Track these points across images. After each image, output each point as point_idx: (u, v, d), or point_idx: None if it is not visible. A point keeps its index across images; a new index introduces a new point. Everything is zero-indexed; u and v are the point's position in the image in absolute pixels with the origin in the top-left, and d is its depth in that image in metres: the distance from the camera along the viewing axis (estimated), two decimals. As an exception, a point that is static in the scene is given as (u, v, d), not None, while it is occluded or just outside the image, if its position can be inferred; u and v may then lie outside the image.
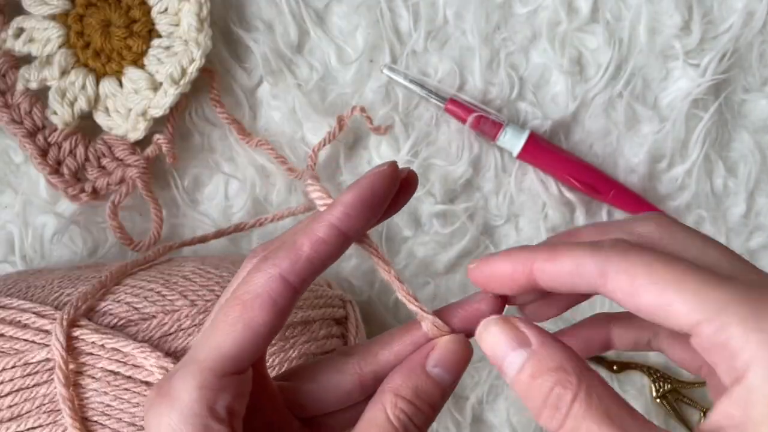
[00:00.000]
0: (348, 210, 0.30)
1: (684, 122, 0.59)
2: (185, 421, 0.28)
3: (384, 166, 0.31)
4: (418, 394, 0.30)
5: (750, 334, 0.25)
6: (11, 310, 0.45)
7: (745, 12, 0.59)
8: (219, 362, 0.29)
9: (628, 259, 0.28)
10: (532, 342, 0.29)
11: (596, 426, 0.26)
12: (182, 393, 0.29)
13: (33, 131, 0.54)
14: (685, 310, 0.26)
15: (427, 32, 0.58)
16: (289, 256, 0.30)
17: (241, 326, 0.29)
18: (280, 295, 0.29)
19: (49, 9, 0.54)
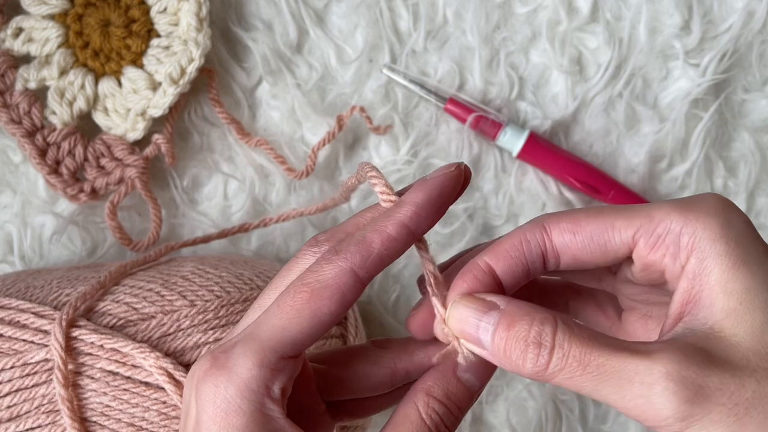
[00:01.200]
0: (419, 210, 0.31)
1: (684, 122, 0.59)
2: (242, 396, 0.29)
3: (452, 168, 0.32)
4: (449, 396, 0.31)
5: (687, 213, 0.29)
6: (10, 311, 0.45)
7: (745, 12, 0.59)
8: (282, 344, 0.30)
9: (563, 212, 0.31)
10: (500, 304, 0.30)
11: (585, 348, 0.28)
12: (242, 369, 0.29)
13: (32, 131, 0.54)
14: (626, 222, 0.29)
15: (426, 32, 0.58)
16: (360, 252, 0.30)
17: (308, 313, 0.30)
18: (349, 289, 0.30)
19: (48, 9, 0.54)
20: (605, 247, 0.30)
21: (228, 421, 0.29)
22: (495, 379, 0.58)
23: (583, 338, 0.28)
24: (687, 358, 0.26)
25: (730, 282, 0.28)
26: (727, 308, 0.28)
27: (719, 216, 0.29)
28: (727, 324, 0.27)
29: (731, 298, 0.28)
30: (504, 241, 0.31)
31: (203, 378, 0.30)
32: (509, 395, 0.58)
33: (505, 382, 0.58)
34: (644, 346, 0.28)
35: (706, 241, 0.28)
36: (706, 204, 0.29)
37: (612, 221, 0.30)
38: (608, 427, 0.59)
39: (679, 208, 0.29)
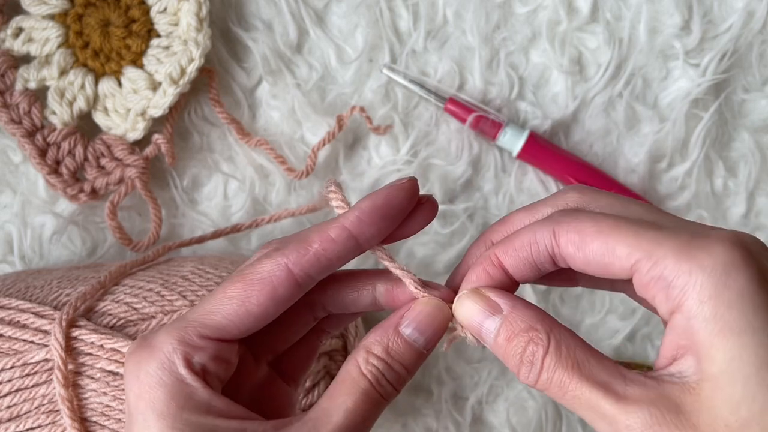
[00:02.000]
0: (361, 216, 0.32)
1: (684, 122, 0.59)
2: (162, 368, 0.30)
3: (403, 180, 0.33)
4: (389, 353, 0.32)
5: (682, 263, 0.27)
6: (10, 311, 0.45)
7: (745, 12, 0.59)
8: (204, 325, 0.31)
9: (575, 216, 0.31)
10: (503, 308, 0.31)
11: (566, 374, 0.29)
12: (164, 344, 0.31)
13: (32, 131, 0.54)
14: (626, 251, 0.29)
15: (426, 32, 0.58)
16: (297, 249, 0.31)
17: (236, 301, 0.31)
18: (281, 284, 0.31)
19: (48, 9, 0.54)
20: (606, 268, 0.30)
21: (151, 394, 0.30)
22: (495, 379, 0.58)
23: (569, 365, 0.29)
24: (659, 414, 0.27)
25: (713, 348, 0.27)
26: (709, 373, 0.27)
27: (716, 274, 0.27)
28: (706, 386, 0.27)
29: (713, 364, 0.27)
30: (515, 238, 0.32)
31: (128, 359, 0.31)
32: (509, 395, 0.58)
33: (505, 382, 0.58)
34: (624, 387, 0.28)
35: (694, 302, 0.27)
36: (708, 255, 0.27)
37: (614, 246, 0.29)
38: (608, 427, 0.59)
39: (679, 255, 0.28)
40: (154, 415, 0.30)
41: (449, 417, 0.57)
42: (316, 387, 0.47)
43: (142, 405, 0.30)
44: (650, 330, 0.60)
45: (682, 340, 0.28)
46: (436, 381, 0.57)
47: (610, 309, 0.59)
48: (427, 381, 0.57)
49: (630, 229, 0.29)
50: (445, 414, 0.57)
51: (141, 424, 0.30)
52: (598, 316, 0.59)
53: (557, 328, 0.30)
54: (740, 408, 0.26)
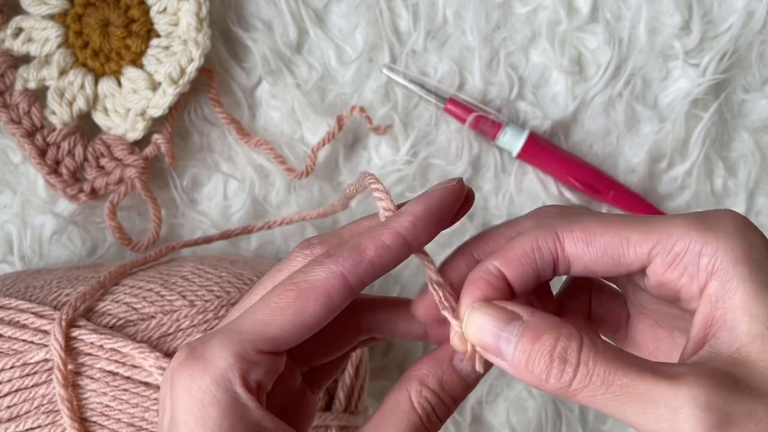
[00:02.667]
0: (416, 221, 0.30)
1: (684, 122, 0.59)
2: (217, 386, 0.28)
3: (453, 182, 0.32)
4: (443, 386, 0.31)
5: (706, 232, 0.27)
6: (10, 311, 0.45)
7: (745, 12, 0.59)
8: (261, 339, 0.29)
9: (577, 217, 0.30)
10: (523, 315, 0.29)
11: (609, 367, 0.27)
12: (218, 359, 0.29)
13: (31, 131, 0.54)
14: (642, 237, 0.28)
15: (426, 32, 0.58)
16: (352, 257, 0.30)
17: (292, 312, 0.29)
18: (337, 293, 0.30)
19: (47, 9, 0.54)
20: (618, 260, 0.29)
21: (203, 411, 0.28)
22: (495, 379, 0.58)
23: (609, 357, 0.27)
24: (714, 383, 0.26)
25: (755, 306, 0.27)
26: (753, 332, 0.27)
27: (740, 237, 0.28)
28: (753, 348, 0.27)
29: (757, 321, 0.27)
30: (515, 247, 0.30)
31: (178, 369, 0.29)
32: (509, 395, 0.58)
33: (505, 382, 0.58)
34: (671, 368, 0.27)
35: (729, 264, 0.27)
36: (726, 223, 0.28)
37: (627, 234, 0.29)
38: (608, 427, 0.59)
39: (699, 227, 0.28)
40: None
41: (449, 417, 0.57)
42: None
43: (192, 420, 0.28)
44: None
45: (719, 309, 0.27)
46: (436, 381, 0.57)
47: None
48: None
49: (638, 219, 0.29)
50: (445, 414, 0.57)
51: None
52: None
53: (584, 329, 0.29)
54: None
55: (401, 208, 0.31)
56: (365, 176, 0.33)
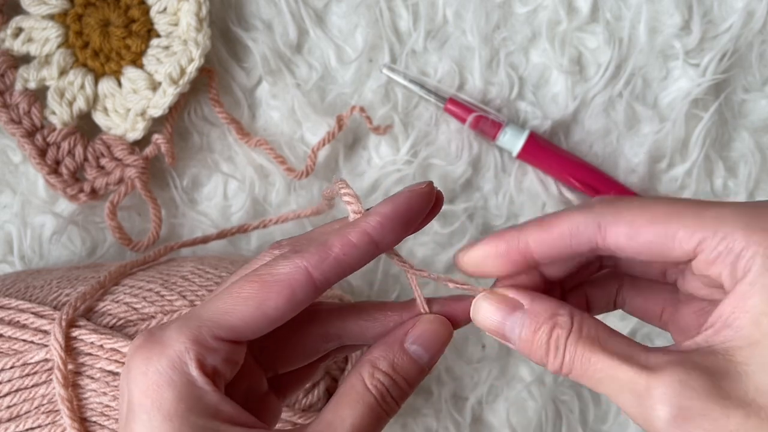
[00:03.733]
0: (383, 221, 0.31)
1: (684, 122, 0.59)
2: (173, 368, 0.29)
3: (422, 185, 0.32)
4: (394, 368, 0.32)
5: (750, 235, 0.28)
6: (10, 311, 0.45)
7: (745, 12, 0.59)
8: (219, 326, 0.30)
9: (622, 207, 0.30)
10: (524, 302, 0.31)
11: (588, 350, 0.29)
12: (175, 342, 0.29)
13: (31, 131, 0.54)
14: (688, 233, 0.29)
15: (426, 32, 0.58)
16: (318, 253, 0.30)
17: (254, 303, 0.30)
18: (301, 287, 0.30)
19: (48, 9, 0.54)
20: (663, 254, 0.30)
21: (159, 393, 0.29)
22: (495, 379, 0.58)
23: (588, 342, 0.29)
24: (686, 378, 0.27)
25: (763, 315, 0.27)
26: (750, 338, 0.27)
27: None
28: (743, 353, 0.27)
29: (758, 329, 0.27)
30: (552, 227, 0.31)
31: (135, 353, 0.30)
32: (509, 395, 0.58)
33: (505, 382, 0.58)
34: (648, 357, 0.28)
35: (760, 268, 0.28)
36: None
37: (675, 231, 0.29)
38: (608, 427, 0.59)
39: (747, 225, 0.28)
40: (160, 415, 0.29)
41: (449, 417, 0.57)
42: (316, 387, 0.47)
43: (148, 403, 0.29)
44: (650, 330, 0.60)
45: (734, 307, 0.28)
46: (436, 381, 0.57)
47: (610, 309, 0.59)
48: (427, 381, 0.57)
49: (689, 210, 0.29)
50: (445, 414, 0.57)
51: (145, 422, 0.29)
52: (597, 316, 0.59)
53: (579, 313, 0.30)
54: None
55: (370, 210, 0.32)
56: (336, 182, 0.34)
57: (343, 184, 0.34)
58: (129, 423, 0.29)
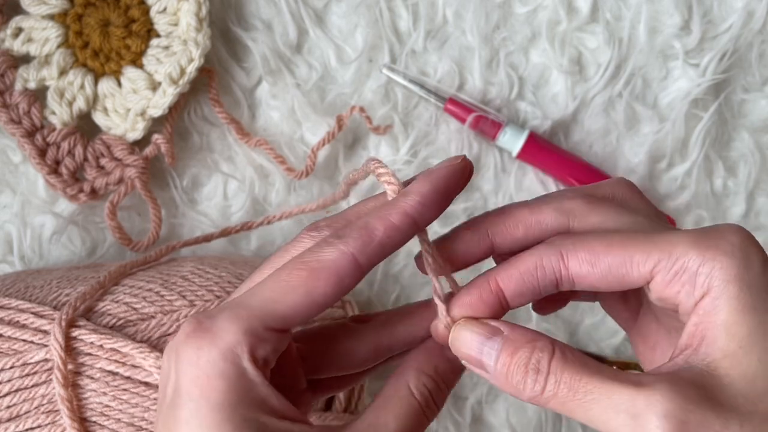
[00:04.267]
0: (423, 200, 0.31)
1: (684, 122, 0.59)
2: (225, 359, 0.29)
3: (458, 160, 0.32)
4: (437, 373, 0.32)
5: (705, 252, 0.29)
6: (10, 311, 0.45)
7: (745, 12, 0.59)
8: (270, 316, 0.30)
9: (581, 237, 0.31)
10: (503, 329, 0.31)
11: (576, 373, 0.29)
12: (227, 333, 0.29)
13: (31, 131, 0.54)
14: (644, 256, 0.29)
15: (426, 32, 0.58)
16: (362, 238, 0.30)
17: (303, 291, 0.30)
18: (347, 273, 0.30)
19: (47, 9, 0.54)
20: (622, 279, 0.30)
21: (210, 383, 0.28)
22: (495, 379, 0.58)
23: (576, 365, 0.29)
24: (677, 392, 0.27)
25: (735, 325, 0.28)
26: (727, 349, 0.28)
27: (737, 256, 0.29)
28: (723, 364, 0.28)
29: (732, 340, 0.28)
30: (518, 264, 0.31)
31: (185, 341, 0.29)
32: (508, 396, 0.58)
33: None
34: (636, 377, 0.28)
35: (721, 282, 0.28)
36: (726, 241, 0.29)
37: (631, 254, 0.30)
38: (608, 427, 0.59)
39: (699, 245, 0.29)
40: (208, 405, 0.28)
41: (449, 417, 0.57)
42: None
43: (197, 392, 0.28)
44: (650, 330, 0.60)
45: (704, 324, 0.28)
46: (435, 381, 0.57)
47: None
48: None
49: (640, 236, 0.30)
50: (444, 414, 0.57)
51: (192, 411, 0.28)
52: (597, 316, 0.59)
53: (558, 341, 0.30)
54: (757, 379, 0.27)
55: (407, 188, 0.32)
56: (370, 161, 0.34)
57: (377, 163, 0.33)
58: (174, 410, 0.29)
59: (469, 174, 0.33)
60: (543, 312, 0.37)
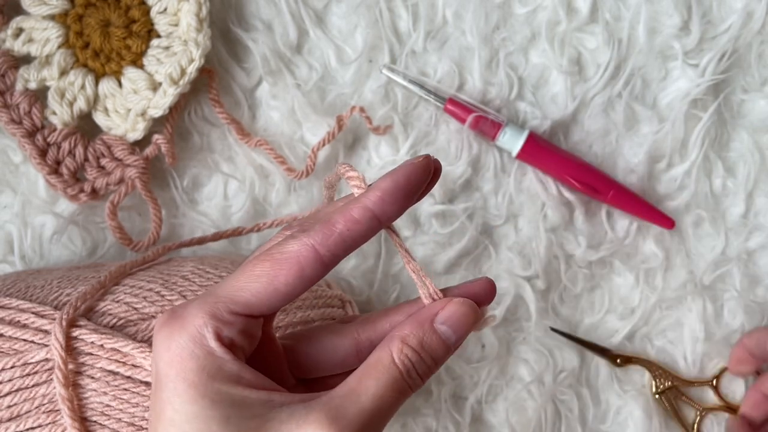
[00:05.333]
0: (384, 196, 0.33)
1: (683, 122, 0.59)
2: (194, 341, 0.31)
3: (420, 158, 0.34)
4: (423, 346, 0.33)
5: None
6: (10, 310, 0.45)
7: (744, 12, 0.59)
8: (234, 302, 0.32)
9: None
10: None
11: None
12: (195, 318, 0.32)
13: (32, 131, 0.54)
14: None
15: (426, 32, 0.58)
16: (323, 230, 0.32)
17: (265, 280, 0.32)
18: (309, 264, 0.32)
19: (48, 9, 0.54)
20: None
21: (182, 364, 0.31)
22: (495, 378, 0.58)
23: None
24: None
25: None
26: None
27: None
28: None
29: None
30: None
31: (159, 330, 0.32)
32: (509, 395, 0.58)
33: (505, 382, 0.58)
34: None
35: None
36: None
37: None
38: (607, 427, 0.59)
39: None
40: (185, 384, 0.31)
41: (449, 417, 0.57)
42: None
43: (173, 373, 0.31)
44: (649, 330, 0.60)
45: None
46: (435, 381, 0.57)
47: (609, 309, 0.60)
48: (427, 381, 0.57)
49: None
50: (444, 414, 0.57)
51: (171, 390, 0.31)
52: (597, 315, 0.59)
53: None
54: None
55: (371, 185, 0.34)
56: (340, 165, 0.36)
57: (347, 167, 0.35)
58: (156, 392, 0.32)
59: (433, 171, 0.34)
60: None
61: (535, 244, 0.58)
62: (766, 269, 0.61)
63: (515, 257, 0.59)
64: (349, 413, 0.31)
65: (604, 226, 0.59)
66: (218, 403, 0.31)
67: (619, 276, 0.60)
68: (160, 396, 0.32)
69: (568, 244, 0.59)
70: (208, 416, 0.31)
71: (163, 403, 0.31)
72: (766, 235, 0.61)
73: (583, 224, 0.59)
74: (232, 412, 0.31)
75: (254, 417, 0.31)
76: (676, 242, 0.60)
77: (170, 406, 0.31)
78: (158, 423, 0.32)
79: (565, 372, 0.59)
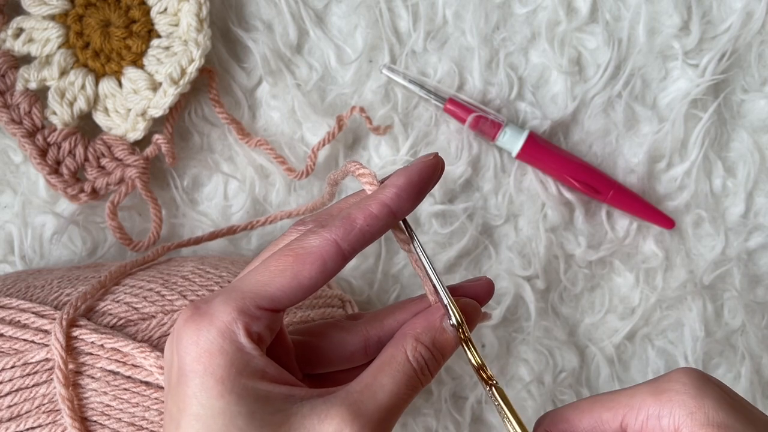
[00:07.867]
0: (399, 192, 0.34)
1: (683, 122, 0.59)
2: (223, 337, 0.32)
3: (430, 157, 0.35)
4: (434, 343, 0.34)
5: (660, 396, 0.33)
6: (11, 310, 0.45)
7: (744, 12, 0.59)
8: (261, 297, 0.33)
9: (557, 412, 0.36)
10: None
11: None
12: (222, 313, 0.32)
13: (32, 131, 0.54)
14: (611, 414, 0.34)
15: (426, 32, 0.58)
16: (344, 226, 0.33)
17: (290, 274, 0.33)
18: (331, 258, 0.33)
19: (48, 9, 0.54)
20: None
21: (211, 360, 0.31)
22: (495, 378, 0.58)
23: None
24: None
25: None
26: None
27: (692, 393, 0.32)
28: None
29: None
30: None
31: (184, 325, 0.32)
32: (508, 395, 0.58)
33: (505, 382, 0.58)
34: None
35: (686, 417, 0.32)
36: (678, 383, 0.33)
37: (600, 415, 0.34)
38: (607, 426, 0.59)
39: (653, 393, 0.33)
40: (212, 379, 0.31)
41: (449, 416, 0.57)
42: None
43: (201, 368, 0.31)
44: (650, 330, 0.60)
45: None
46: (435, 381, 0.57)
47: (609, 309, 0.60)
48: (428, 380, 0.58)
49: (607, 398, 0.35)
50: (444, 413, 0.57)
51: (198, 385, 0.31)
52: (597, 315, 0.59)
53: None
54: None
55: (385, 182, 0.35)
56: (350, 163, 0.36)
57: (356, 164, 0.36)
58: (180, 386, 0.32)
59: (441, 169, 0.36)
60: None
61: (535, 244, 0.58)
62: (766, 269, 0.61)
63: (515, 257, 0.59)
64: (368, 409, 0.32)
65: (604, 226, 0.59)
66: (244, 399, 0.31)
67: (619, 276, 0.60)
68: (184, 391, 0.31)
69: (568, 244, 0.59)
70: (234, 412, 0.31)
71: (187, 398, 0.31)
72: (766, 235, 0.61)
73: (583, 224, 0.59)
74: (257, 408, 0.31)
75: (278, 412, 0.31)
76: (676, 242, 0.60)
77: (196, 400, 0.31)
78: (181, 418, 0.31)
79: (565, 372, 0.59)
